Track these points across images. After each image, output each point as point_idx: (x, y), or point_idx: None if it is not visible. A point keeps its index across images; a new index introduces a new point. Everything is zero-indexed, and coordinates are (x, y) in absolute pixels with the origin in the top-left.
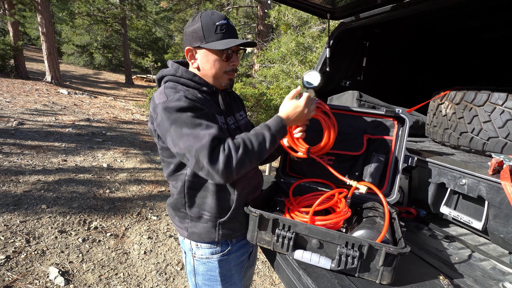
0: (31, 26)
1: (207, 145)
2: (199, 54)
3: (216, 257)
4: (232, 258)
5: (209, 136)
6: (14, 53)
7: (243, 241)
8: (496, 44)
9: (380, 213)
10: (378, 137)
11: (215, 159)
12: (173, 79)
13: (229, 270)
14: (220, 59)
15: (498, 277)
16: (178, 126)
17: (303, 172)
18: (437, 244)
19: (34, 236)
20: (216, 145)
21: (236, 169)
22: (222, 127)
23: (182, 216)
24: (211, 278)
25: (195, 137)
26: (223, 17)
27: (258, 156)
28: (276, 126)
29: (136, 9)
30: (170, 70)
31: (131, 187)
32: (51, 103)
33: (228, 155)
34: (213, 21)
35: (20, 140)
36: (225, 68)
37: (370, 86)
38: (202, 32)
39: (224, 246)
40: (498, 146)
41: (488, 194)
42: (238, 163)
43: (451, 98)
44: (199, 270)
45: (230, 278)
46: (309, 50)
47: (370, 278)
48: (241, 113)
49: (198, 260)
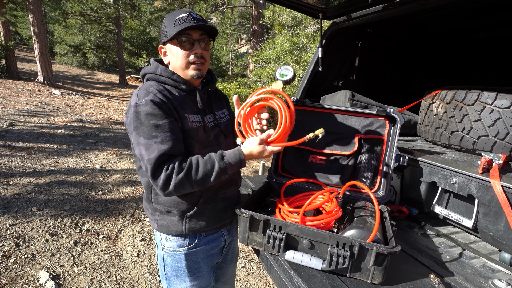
0: (23, 26)
1: (153, 160)
2: (167, 49)
3: (183, 250)
4: (200, 251)
5: (158, 152)
6: (5, 53)
7: (213, 235)
8: (487, 44)
9: (372, 212)
10: (369, 137)
11: (157, 175)
12: (153, 77)
13: (197, 263)
14: (180, 48)
15: (488, 274)
16: (137, 133)
17: (295, 172)
18: (429, 242)
19: (24, 239)
20: (162, 162)
21: (174, 189)
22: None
23: (152, 209)
24: (178, 269)
25: (146, 149)
26: (185, 11)
27: (201, 183)
28: (233, 158)
29: (130, 9)
30: (151, 68)
31: (124, 189)
32: (43, 104)
33: (168, 175)
34: (174, 17)
35: (11, 142)
36: (187, 57)
37: (363, 85)
38: (165, 28)
39: (192, 239)
40: (488, 144)
41: (478, 192)
42: (177, 184)
43: (442, 98)
44: (168, 261)
45: (198, 270)
46: (304, 50)
47: (362, 278)
48: (224, 111)
49: (167, 252)
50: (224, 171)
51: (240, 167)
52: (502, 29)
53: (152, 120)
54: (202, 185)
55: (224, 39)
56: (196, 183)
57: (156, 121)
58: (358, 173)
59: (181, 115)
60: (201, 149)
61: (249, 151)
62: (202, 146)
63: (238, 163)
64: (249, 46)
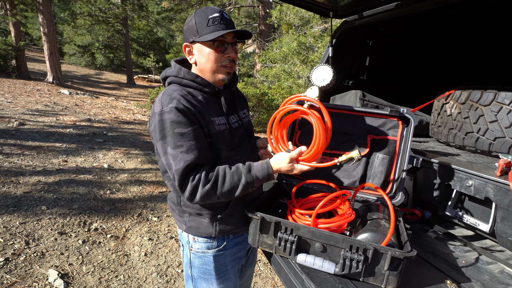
0: (33, 27)
1: (180, 171)
2: (195, 48)
3: (212, 252)
4: (228, 253)
5: (184, 163)
6: (15, 53)
7: (240, 237)
8: (500, 43)
9: (385, 215)
10: (382, 138)
11: (184, 185)
12: (175, 80)
13: (224, 265)
14: (213, 51)
15: (506, 281)
16: (164, 142)
17: (305, 174)
18: (443, 246)
19: (34, 238)
20: (189, 172)
21: (200, 199)
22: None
23: (181, 210)
24: (206, 271)
25: (173, 159)
26: (216, 10)
27: (228, 194)
28: (261, 171)
29: (137, 9)
30: (173, 71)
31: (132, 188)
32: (52, 104)
33: (195, 186)
34: (206, 15)
35: (21, 141)
36: (220, 60)
37: (373, 85)
38: (196, 27)
39: (221, 241)
40: (505, 146)
41: (496, 195)
42: (203, 196)
43: (456, 98)
44: (195, 263)
45: (225, 273)
46: (311, 50)
47: (375, 283)
48: (244, 111)
49: (195, 253)
50: (251, 184)
51: (268, 180)
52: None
53: (176, 129)
54: (229, 196)
55: None
56: (222, 195)
57: (181, 129)
58: (370, 175)
59: (207, 120)
60: (229, 151)
61: (278, 167)
62: (229, 149)
63: (265, 177)
64: (256, 46)
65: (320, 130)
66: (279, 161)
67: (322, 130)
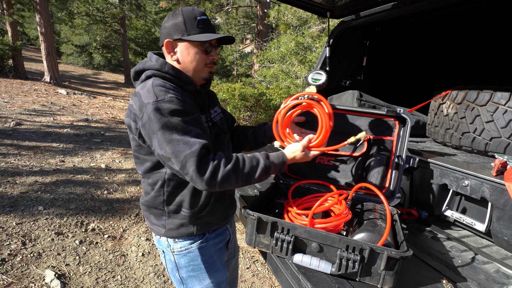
0: (30, 26)
1: (197, 152)
2: (180, 46)
3: (196, 245)
4: (211, 244)
5: (200, 144)
6: (12, 53)
7: (219, 230)
8: (497, 43)
9: (381, 215)
10: (379, 138)
11: (203, 167)
12: (158, 74)
13: (211, 257)
14: (201, 51)
15: (502, 280)
16: (167, 130)
17: (302, 174)
18: (439, 246)
19: (30, 238)
20: (205, 154)
21: (220, 182)
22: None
23: (158, 213)
24: (195, 268)
25: (185, 143)
26: (203, 12)
27: (246, 178)
28: (276, 159)
29: (135, 9)
30: (154, 65)
31: (129, 188)
32: (49, 103)
33: (216, 166)
34: (195, 16)
35: (18, 141)
36: (205, 61)
37: (371, 85)
38: (184, 25)
39: (201, 235)
40: (501, 146)
41: (492, 195)
42: (224, 176)
43: (453, 98)
44: (181, 263)
45: (214, 265)
46: (309, 50)
47: (372, 283)
48: (216, 108)
49: (178, 253)
50: (268, 170)
51: (281, 170)
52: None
53: (180, 117)
54: (247, 181)
55: None
56: (241, 178)
57: (185, 118)
58: (367, 175)
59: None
60: None
61: (293, 156)
62: None
63: (280, 165)
64: (254, 46)
65: (325, 116)
66: (293, 150)
67: (326, 116)
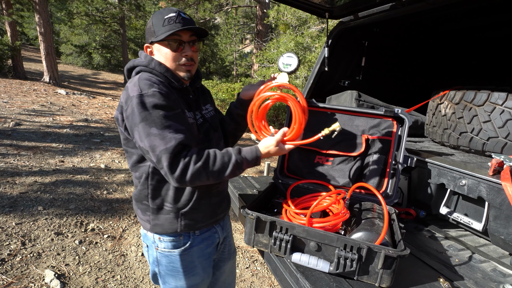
0: (29, 26)
1: (171, 149)
2: (155, 49)
3: (178, 251)
4: (195, 250)
5: (175, 141)
6: (12, 53)
7: (206, 233)
8: (495, 43)
9: (379, 215)
10: (377, 138)
11: (175, 164)
12: (146, 70)
13: (192, 262)
14: (170, 50)
15: (498, 279)
16: (147, 124)
17: (301, 173)
18: (437, 245)
19: (30, 238)
20: (180, 151)
21: (190, 179)
22: (192, 123)
23: (144, 208)
24: (174, 269)
25: (162, 139)
26: (173, 10)
27: (218, 175)
28: (249, 154)
29: (135, 9)
30: (143, 61)
31: (128, 188)
32: (49, 104)
33: (186, 164)
34: (163, 16)
35: (17, 141)
36: (177, 59)
37: (369, 86)
38: (153, 28)
39: (186, 238)
40: (498, 146)
41: (489, 195)
42: (194, 174)
43: (451, 98)
44: (162, 262)
45: (193, 269)
46: (308, 50)
47: (369, 281)
48: (207, 106)
49: (161, 253)
50: (240, 165)
51: (255, 165)
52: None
53: (161, 111)
54: (218, 177)
55: (228, 39)
56: (212, 175)
57: (166, 112)
58: (365, 175)
59: (182, 109)
60: (195, 145)
61: (267, 151)
62: (196, 144)
63: (254, 160)
64: (253, 46)
65: (298, 109)
66: (266, 145)
67: (299, 109)
